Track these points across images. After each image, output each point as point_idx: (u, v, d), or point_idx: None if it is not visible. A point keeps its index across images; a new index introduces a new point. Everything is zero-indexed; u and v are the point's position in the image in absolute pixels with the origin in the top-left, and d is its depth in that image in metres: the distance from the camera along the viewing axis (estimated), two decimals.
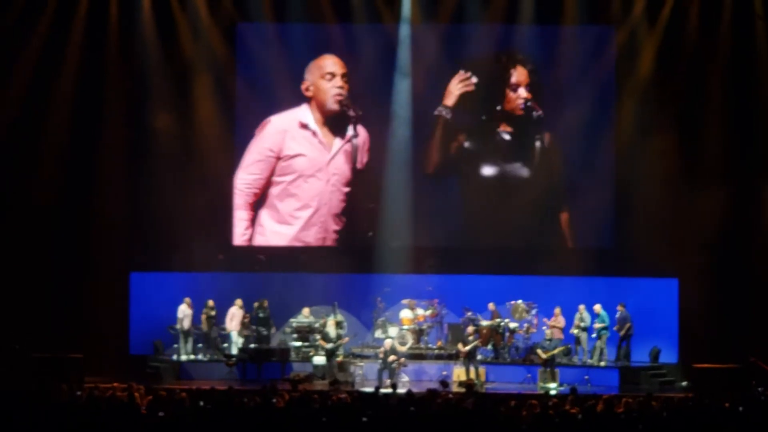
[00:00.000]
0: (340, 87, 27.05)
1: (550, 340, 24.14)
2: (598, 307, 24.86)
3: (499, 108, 27.01)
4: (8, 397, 15.82)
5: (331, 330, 24.73)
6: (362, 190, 27.23)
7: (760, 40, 25.35)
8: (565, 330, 24.80)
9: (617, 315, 24.79)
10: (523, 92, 26.82)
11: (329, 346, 24.43)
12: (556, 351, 23.97)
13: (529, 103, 26.72)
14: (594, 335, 24.87)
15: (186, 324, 25.47)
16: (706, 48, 25.54)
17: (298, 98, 27.14)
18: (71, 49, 25.86)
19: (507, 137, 27.06)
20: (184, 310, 25.48)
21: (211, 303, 25.80)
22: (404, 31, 26.72)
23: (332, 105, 27.15)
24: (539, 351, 24.00)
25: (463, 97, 27.02)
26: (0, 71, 25.64)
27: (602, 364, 24.72)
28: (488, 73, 26.97)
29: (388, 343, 23.94)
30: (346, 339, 25.03)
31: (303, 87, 27.09)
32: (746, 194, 25.50)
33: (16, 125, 25.75)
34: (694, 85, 25.64)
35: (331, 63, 27.16)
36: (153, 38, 26.33)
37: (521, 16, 26.32)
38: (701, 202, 25.41)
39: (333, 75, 27.09)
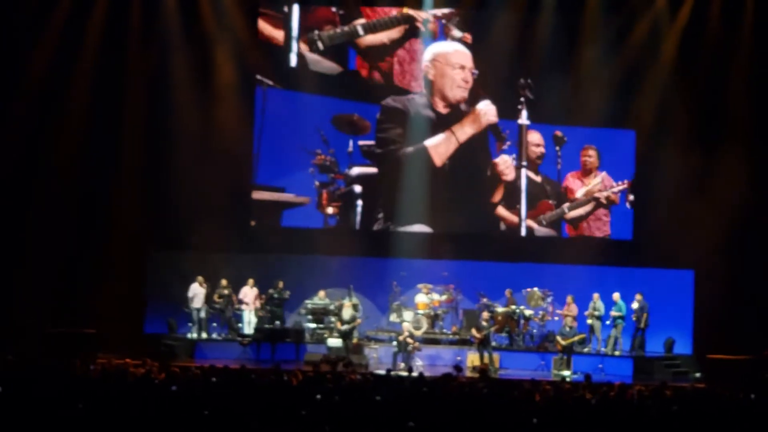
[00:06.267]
0: None
1: (570, 327, 24.13)
2: (616, 296, 24.84)
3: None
4: (23, 371, 15.91)
5: (347, 312, 24.78)
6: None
7: None
8: (577, 318, 24.78)
9: (634, 304, 24.73)
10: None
11: (344, 327, 24.49)
12: (575, 339, 23.96)
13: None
14: (608, 322, 24.88)
15: (197, 302, 25.53)
16: (729, 39, 25.38)
17: None
18: (92, 25, 25.96)
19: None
20: (195, 289, 25.54)
21: (224, 282, 25.83)
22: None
23: None
24: (558, 338, 24.00)
25: None
26: (24, 44, 25.66)
27: (616, 353, 24.69)
28: None
29: (405, 327, 24.02)
30: (359, 320, 25.05)
31: None
32: (765, 188, 25.36)
33: (38, 101, 25.81)
34: (716, 77, 25.48)
35: None
36: (175, 14, 26.34)
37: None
38: (719, 194, 25.27)
39: None
